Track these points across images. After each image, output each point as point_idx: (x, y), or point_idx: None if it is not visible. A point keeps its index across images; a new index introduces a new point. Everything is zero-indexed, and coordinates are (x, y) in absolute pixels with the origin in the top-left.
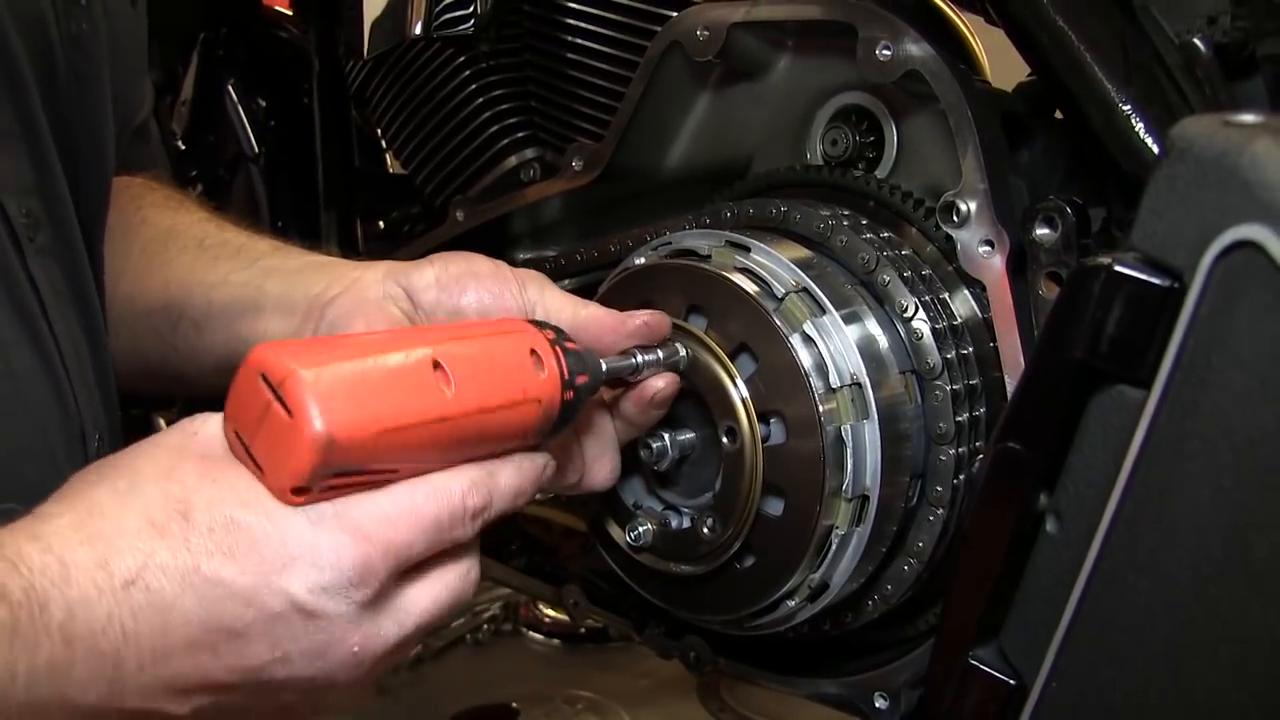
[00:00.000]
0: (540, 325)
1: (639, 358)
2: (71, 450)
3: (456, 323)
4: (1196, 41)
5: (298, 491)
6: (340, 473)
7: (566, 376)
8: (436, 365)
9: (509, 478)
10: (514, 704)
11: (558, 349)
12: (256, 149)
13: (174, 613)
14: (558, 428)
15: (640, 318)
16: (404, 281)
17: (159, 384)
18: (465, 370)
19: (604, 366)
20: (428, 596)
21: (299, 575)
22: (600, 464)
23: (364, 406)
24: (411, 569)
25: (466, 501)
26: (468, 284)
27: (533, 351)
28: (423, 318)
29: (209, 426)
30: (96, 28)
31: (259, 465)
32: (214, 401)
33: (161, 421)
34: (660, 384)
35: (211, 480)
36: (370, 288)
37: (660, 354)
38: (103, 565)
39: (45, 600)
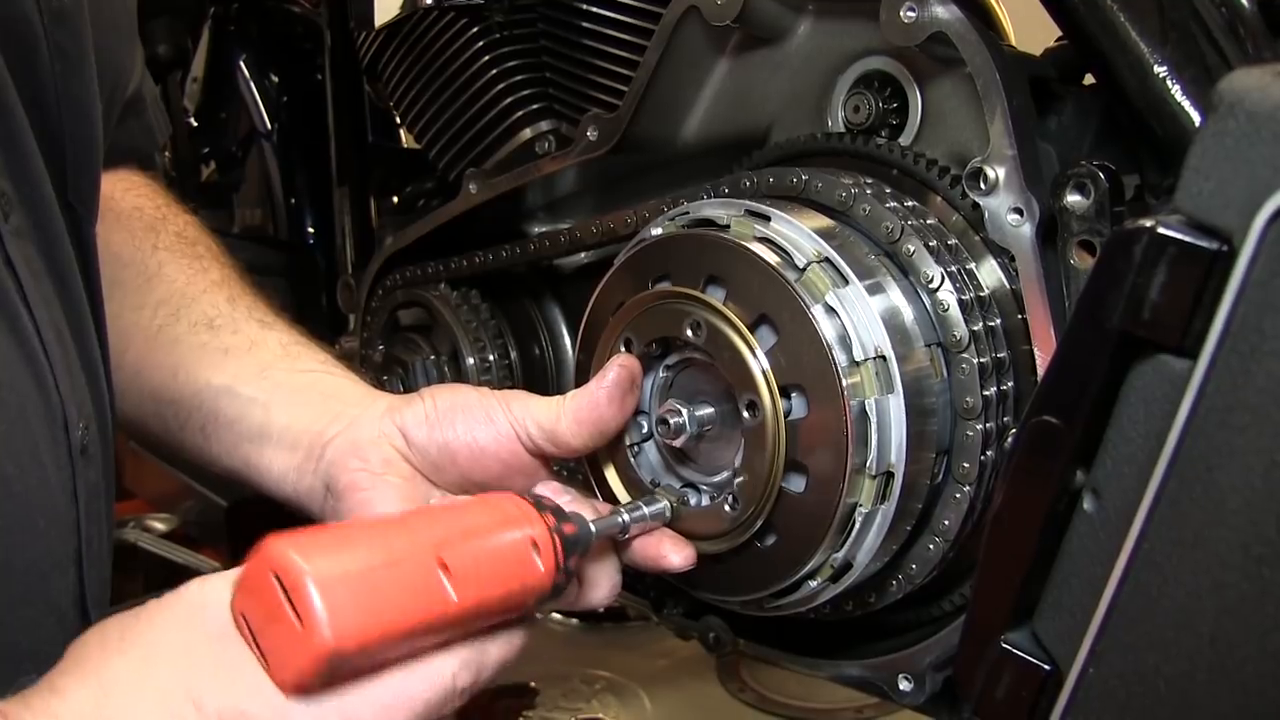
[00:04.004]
0: (539, 506)
1: (624, 517)
2: (55, 440)
3: (465, 505)
4: None
5: (301, 689)
6: (346, 664)
7: (561, 564)
8: (442, 564)
9: (499, 651)
10: (532, 683)
11: (555, 537)
12: (269, 125)
13: None
14: (545, 603)
15: (610, 372)
16: (398, 420)
17: (160, 454)
18: (469, 568)
19: (594, 531)
20: None
21: None
22: (599, 586)
23: (371, 614)
24: None
25: (457, 682)
26: (455, 417)
27: (534, 543)
28: (417, 455)
29: (218, 596)
30: (80, 1)
31: (265, 657)
32: None
33: None
34: (677, 561)
35: (224, 668)
36: (366, 427)
37: (646, 510)
38: None
39: None
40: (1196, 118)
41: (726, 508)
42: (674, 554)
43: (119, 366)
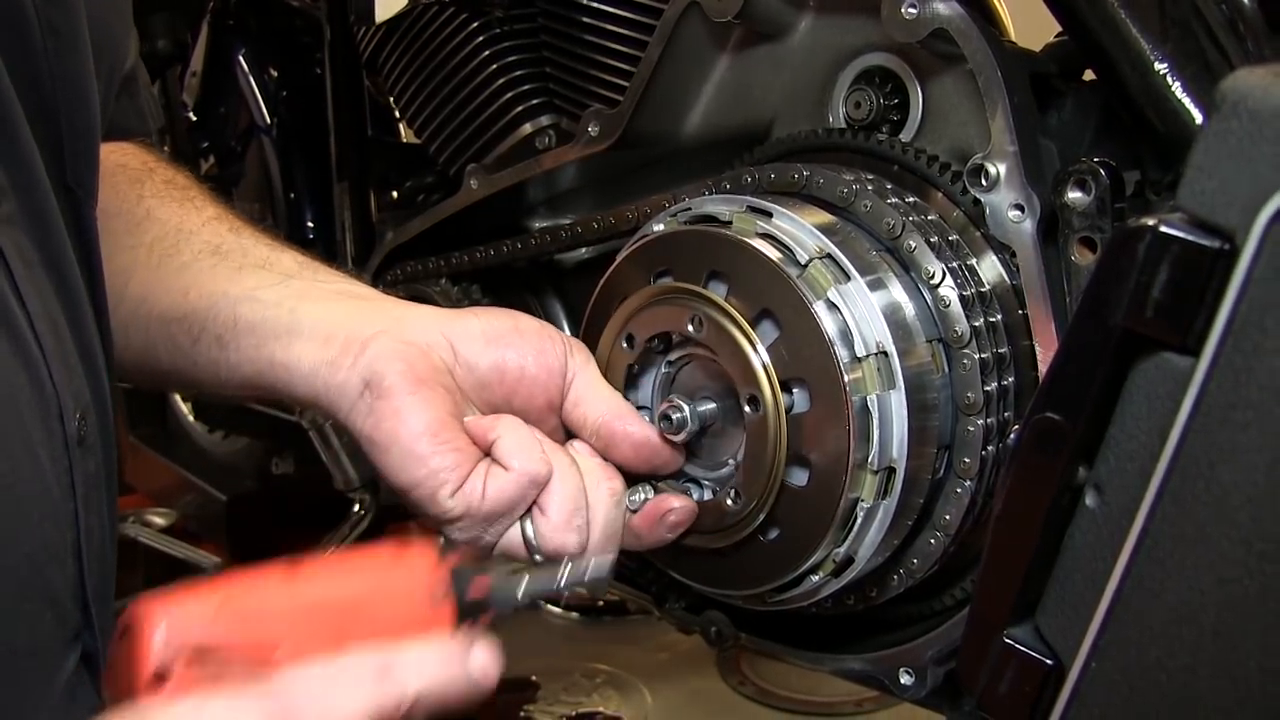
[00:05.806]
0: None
1: (563, 580)
2: (49, 432)
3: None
4: None
5: (158, 677)
6: (200, 653)
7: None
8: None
9: (417, 661)
10: (533, 677)
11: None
12: (268, 119)
13: None
14: (466, 611)
15: (676, 501)
16: (447, 331)
17: (171, 388)
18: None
19: (521, 592)
20: None
21: None
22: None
23: (202, 594)
24: None
25: (382, 674)
26: (511, 340)
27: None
28: (463, 369)
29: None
30: None
31: (124, 690)
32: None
33: (178, 399)
34: (675, 504)
35: None
36: (414, 331)
37: (588, 566)
38: None
39: None
40: (1197, 114)
41: (728, 502)
42: (675, 500)
43: (120, 302)
